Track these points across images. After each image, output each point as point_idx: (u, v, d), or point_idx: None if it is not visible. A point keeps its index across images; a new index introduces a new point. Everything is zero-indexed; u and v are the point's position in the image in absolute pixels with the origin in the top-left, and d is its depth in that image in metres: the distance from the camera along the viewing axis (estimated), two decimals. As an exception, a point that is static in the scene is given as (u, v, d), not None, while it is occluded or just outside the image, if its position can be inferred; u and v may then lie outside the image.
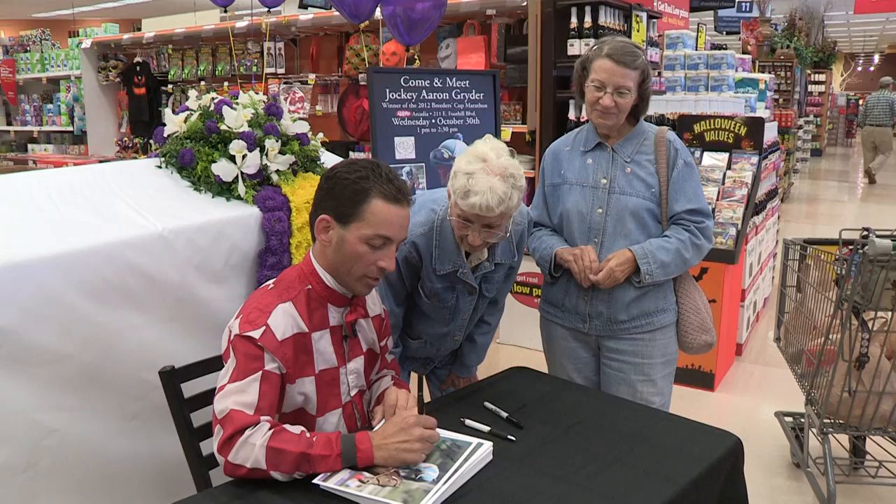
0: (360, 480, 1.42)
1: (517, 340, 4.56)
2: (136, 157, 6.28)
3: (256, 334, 1.54)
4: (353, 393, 1.74)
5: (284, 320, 1.58)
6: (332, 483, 1.42)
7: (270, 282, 1.72)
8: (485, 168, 1.79)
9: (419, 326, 2.20)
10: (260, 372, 1.53)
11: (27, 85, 8.05)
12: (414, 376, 2.41)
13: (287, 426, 1.50)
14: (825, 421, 2.76)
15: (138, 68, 6.58)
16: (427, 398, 2.47)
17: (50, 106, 7.66)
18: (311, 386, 1.64)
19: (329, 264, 1.65)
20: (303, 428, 1.51)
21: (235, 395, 1.50)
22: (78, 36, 7.61)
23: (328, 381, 1.67)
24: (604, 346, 2.28)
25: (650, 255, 2.12)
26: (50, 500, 1.84)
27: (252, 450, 1.44)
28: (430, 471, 1.45)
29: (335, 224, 1.60)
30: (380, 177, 1.58)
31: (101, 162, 3.76)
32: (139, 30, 7.29)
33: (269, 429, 1.47)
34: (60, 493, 1.86)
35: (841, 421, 2.74)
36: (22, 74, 7.86)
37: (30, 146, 8.21)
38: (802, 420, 3.13)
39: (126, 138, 6.90)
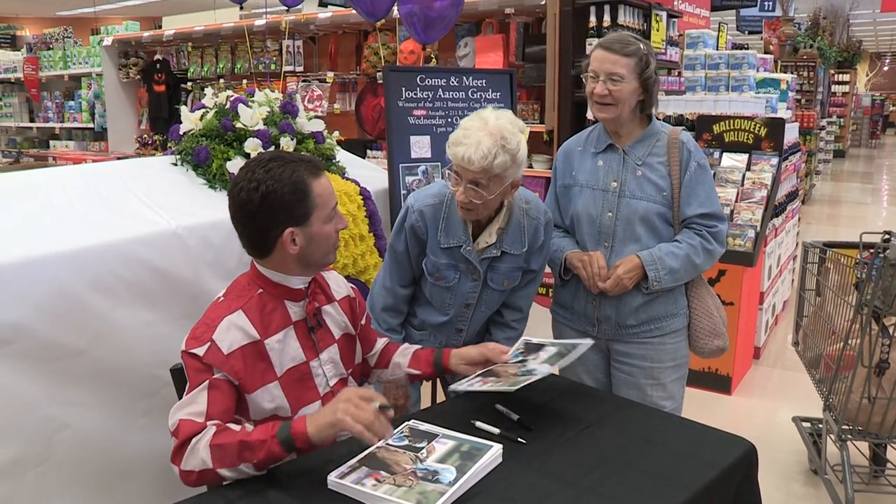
0: (377, 480, 1.41)
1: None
2: (155, 154, 6.33)
3: (201, 351, 1.53)
4: (332, 383, 1.72)
5: (230, 334, 1.56)
6: (348, 481, 1.41)
7: (222, 291, 1.70)
8: (481, 126, 1.85)
9: (421, 315, 2.19)
10: (207, 381, 1.53)
11: (49, 82, 8.13)
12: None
13: (230, 425, 1.50)
14: (843, 427, 2.72)
15: (158, 66, 6.62)
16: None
17: (71, 103, 7.74)
18: (278, 391, 1.62)
19: (296, 266, 1.63)
20: (247, 425, 1.51)
21: (186, 406, 1.51)
22: (99, 34, 7.68)
23: (298, 377, 1.66)
24: (613, 350, 2.26)
25: (658, 262, 2.09)
26: (62, 494, 1.85)
27: (198, 453, 1.45)
28: (448, 472, 1.44)
29: (299, 230, 1.58)
30: (297, 162, 1.59)
31: (119, 159, 3.79)
32: (160, 27, 7.34)
33: (214, 430, 1.47)
34: (72, 487, 1.88)
35: (860, 427, 2.69)
36: (44, 72, 7.95)
37: (52, 143, 8.31)
38: (820, 426, 3.08)
39: (146, 135, 6.95)
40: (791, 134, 5.02)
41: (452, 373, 1.89)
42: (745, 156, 4.24)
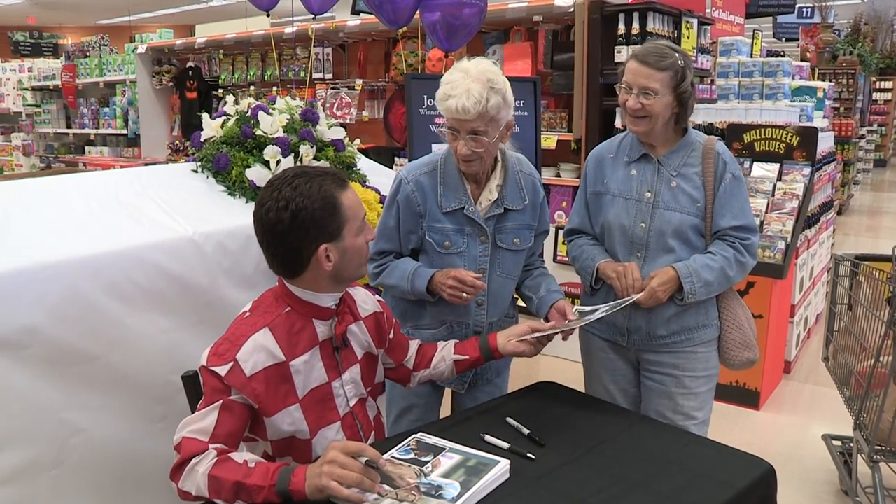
0: (379, 493, 1.39)
1: (557, 351, 4.49)
2: (185, 160, 6.42)
3: (223, 371, 1.50)
4: (352, 403, 1.70)
5: (255, 354, 1.52)
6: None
7: (248, 306, 1.67)
8: (464, 76, 1.85)
9: (436, 308, 2.10)
10: (221, 401, 1.50)
11: (86, 89, 8.32)
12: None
13: (233, 454, 1.46)
14: (876, 447, 2.63)
15: (190, 73, 6.72)
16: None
17: (106, 109, 7.90)
18: (298, 413, 1.59)
19: (328, 282, 1.60)
20: (249, 457, 1.46)
21: (193, 423, 1.49)
22: (134, 41, 7.83)
23: (319, 398, 1.63)
24: (643, 360, 2.23)
25: (694, 274, 2.05)
26: (76, 498, 1.86)
27: (196, 478, 1.43)
28: (451, 488, 1.41)
29: (332, 245, 1.56)
30: (322, 175, 1.56)
31: (146, 164, 3.82)
32: (194, 35, 7.46)
33: (215, 456, 1.44)
34: (86, 491, 1.88)
35: (893, 449, 2.60)
36: (81, 79, 8.13)
37: (87, 148, 8.49)
38: (851, 444, 2.98)
39: (177, 142, 7.04)
40: (826, 143, 4.91)
41: (501, 355, 1.90)
42: (777, 165, 4.15)
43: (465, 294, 1.93)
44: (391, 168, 4.51)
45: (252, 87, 6.34)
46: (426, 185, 2.02)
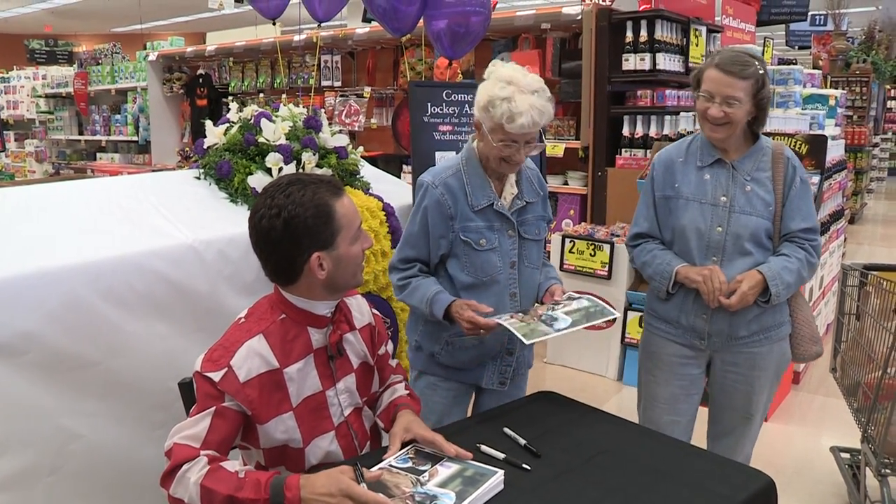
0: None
1: (565, 360, 4.47)
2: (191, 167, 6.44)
3: (216, 377, 1.49)
4: (347, 413, 1.68)
5: (249, 360, 1.51)
6: None
7: (243, 312, 1.65)
8: (518, 89, 1.84)
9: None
10: (214, 407, 1.49)
11: (98, 96, 8.39)
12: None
13: (224, 463, 1.44)
14: (883, 461, 2.59)
15: (201, 80, 6.76)
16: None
17: (118, 116, 7.95)
18: (292, 422, 1.57)
19: (323, 291, 1.59)
20: (240, 467, 1.44)
21: (185, 430, 1.48)
22: (146, 49, 7.89)
23: (313, 407, 1.61)
24: (717, 359, 2.26)
25: (778, 277, 2.09)
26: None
27: (188, 486, 1.41)
28: (447, 498, 1.40)
29: (325, 253, 1.54)
30: (317, 183, 1.55)
31: (154, 171, 3.84)
32: (205, 43, 7.51)
33: (206, 464, 1.43)
34: (83, 498, 1.88)
35: (901, 461, 2.56)
36: (93, 86, 8.20)
37: (98, 155, 8.55)
38: (860, 457, 2.94)
39: (188, 148, 7.09)
40: (836, 151, 4.86)
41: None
42: (786, 174, 4.10)
43: (481, 331, 1.93)
44: (399, 176, 4.51)
45: (261, 95, 6.37)
46: (455, 187, 2.02)
